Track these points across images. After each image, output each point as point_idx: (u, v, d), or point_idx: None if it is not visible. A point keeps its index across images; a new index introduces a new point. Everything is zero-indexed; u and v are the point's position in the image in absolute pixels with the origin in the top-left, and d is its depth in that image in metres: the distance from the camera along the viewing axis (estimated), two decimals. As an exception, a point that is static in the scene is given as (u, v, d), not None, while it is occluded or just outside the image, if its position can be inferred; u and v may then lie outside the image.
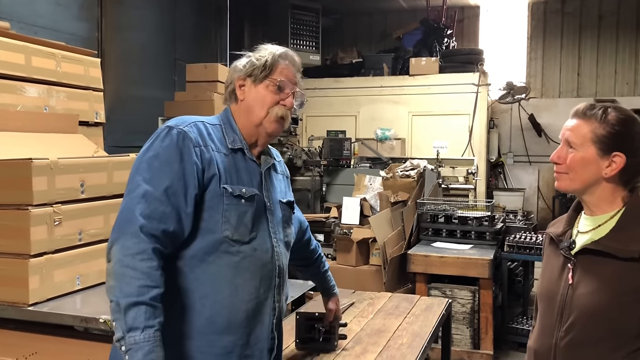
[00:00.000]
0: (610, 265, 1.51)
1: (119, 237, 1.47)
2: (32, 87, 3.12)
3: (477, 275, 4.39)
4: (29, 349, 2.51)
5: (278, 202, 1.74)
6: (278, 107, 1.66)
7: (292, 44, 7.97)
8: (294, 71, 1.72)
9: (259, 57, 1.68)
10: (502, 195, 8.38)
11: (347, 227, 4.98)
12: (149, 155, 1.55)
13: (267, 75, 1.66)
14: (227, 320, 1.55)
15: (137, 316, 1.40)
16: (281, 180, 1.83)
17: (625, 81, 8.79)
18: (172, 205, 1.50)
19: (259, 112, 1.65)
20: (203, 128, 1.62)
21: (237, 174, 1.62)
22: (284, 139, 6.07)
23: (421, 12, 8.91)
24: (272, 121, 1.66)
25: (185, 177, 1.52)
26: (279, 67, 1.67)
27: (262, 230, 1.63)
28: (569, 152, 1.57)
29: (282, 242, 1.71)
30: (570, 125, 1.58)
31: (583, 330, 1.52)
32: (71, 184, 2.68)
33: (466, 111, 7.74)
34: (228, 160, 1.61)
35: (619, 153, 1.52)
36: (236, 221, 1.57)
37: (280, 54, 1.69)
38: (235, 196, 1.57)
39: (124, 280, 1.42)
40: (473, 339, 4.46)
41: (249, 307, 1.58)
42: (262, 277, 1.61)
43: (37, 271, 2.52)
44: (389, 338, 2.62)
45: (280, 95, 1.66)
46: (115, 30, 5.96)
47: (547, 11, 9.10)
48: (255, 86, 1.66)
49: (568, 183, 1.58)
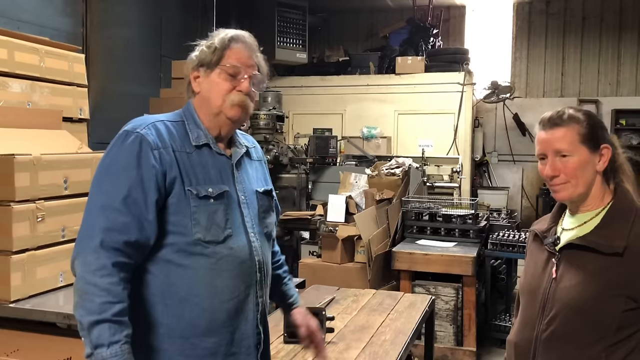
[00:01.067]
0: (594, 260, 1.54)
1: (79, 253, 1.46)
2: (15, 82, 3.09)
3: (461, 272, 4.43)
4: (11, 346, 2.49)
5: (254, 193, 1.66)
6: (234, 93, 1.58)
7: (278, 41, 7.97)
8: (248, 53, 1.61)
9: (209, 45, 1.60)
10: (487, 193, 8.46)
11: (332, 224, 5.00)
12: (106, 163, 1.51)
13: (218, 62, 1.58)
14: (208, 323, 1.52)
15: (101, 334, 1.40)
16: (257, 168, 1.75)
17: (608, 82, 8.90)
18: (132, 214, 1.45)
19: (215, 101, 1.58)
20: (163, 128, 1.56)
21: (204, 172, 1.56)
22: (269, 136, 6.07)
23: (407, 11, 8.95)
24: (230, 108, 1.58)
25: (144, 184, 1.47)
26: (230, 52, 1.58)
27: (237, 227, 1.58)
28: (562, 161, 1.57)
29: (262, 235, 1.65)
30: (553, 137, 1.59)
31: (564, 323, 1.54)
32: (54, 180, 2.67)
33: (451, 110, 7.79)
34: (193, 159, 1.56)
35: (605, 144, 1.59)
36: (206, 222, 1.51)
37: (230, 37, 1.60)
38: (202, 197, 1.52)
39: (86, 297, 1.42)
40: (456, 336, 4.50)
41: (230, 306, 1.56)
42: (242, 274, 1.57)
43: (19, 268, 2.51)
44: (372, 334, 2.64)
45: (234, 82, 1.58)
46: (100, 26, 5.92)
47: (532, 12, 9.19)
48: (208, 75, 1.59)
49: (572, 190, 1.58)
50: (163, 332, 1.52)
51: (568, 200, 1.63)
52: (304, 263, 4.99)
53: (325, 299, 3.14)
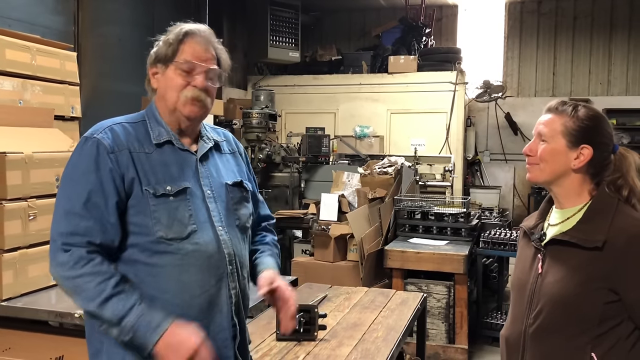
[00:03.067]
0: (576, 255, 1.58)
1: (52, 259, 1.48)
2: (6, 81, 3.08)
3: (453, 270, 4.46)
4: (3, 344, 2.49)
5: (223, 186, 1.65)
6: (188, 89, 1.57)
7: (271, 40, 7.96)
8: (204, 46, 1.59)
9: (165, 40, 1.59)
10: (479, 192, 8.49)
11: (325, 223, 5.01)
12: (68, 169, 1.54)
13: (173, 58, 1.57)
14: (180, 317, 1.52)
15: (114, 308, 1.43)
16: (229, 160, 1.74)
17: (599, 81, 8.96)
18: (94, 218, 1.47)
19: (170, 97, 1.59)
20: (120, 130, 1.57)
21: (164, 170, 1.56)
22: (262, 135, 6.07)
23: (400, 11, 8.97)
24: (185, 104, 1.58)
25: (103, 187, 1.49)
26: (185, 46, 1.57)
27: (202, 222, 1.57)
28: (540, 144, 1.65)
29: (232, 227, 1.64)
30: (543, 120, 1.67)
31: (550, 317, 1.58)
32: (46, 178, 2.66)
33: (444, 109, 7.82)
34: (152, 158, 1.56)
35: (587, 145, 1.61)
36: (167, 220, 1.52)
37: (185, 31, 1.59)
38: (159, 195, 1.52)
39: (80, 289, 1.44)
40: (448, 334, 4.53)
41: (202, 300, 1.56)
42: (210, 268, 1.57)
43: (11, 266, 2.50)
44: (365, 331, 2.66)
45: (189, 77, 1.57)
46: (92, 24, 5.89)
47: (524, 11, 9.23)
48: (164, 72, 1.59)
49: (538, 173, 1.66)
50: None
51: (534, 182, 1.71)
52: (297, 262, 5.00)
53: (318, 296, 3.15)
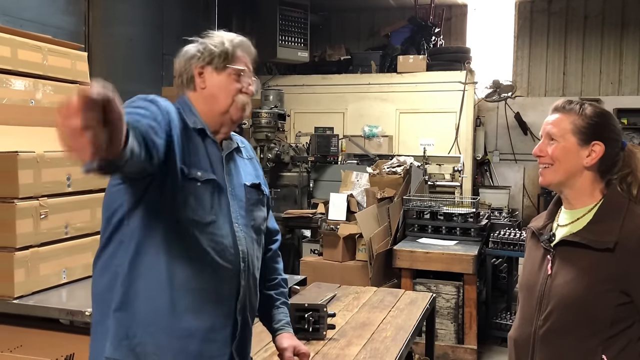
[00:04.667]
0: (586, 256, 1.56)
1: None
2: (18, 80, 3.10)
3: (462, 270, 4.44)
4: (15, 342, 2.51)
5: (242, 186, 1.69)
6: (242, 95, 1.66)
7: (280, 40, 7.97)
8: (251, 57, 1.71)
9: (216, 45, 1.65)
10: (488, 192, 8.46)
11: (333, 223, 5.01)
12: (130, 101, 1.49)
13: (229, 64, 1.64)
14: (189, 304, 1.54)
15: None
16: (247, 165, 1.79)
17: (609, 81, 8.90)
18: (155, 121, 1.43)
19: (224, 100, 1.64)
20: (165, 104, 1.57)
21: (197, 156, 1.60)
22: (271, 135, 6.08)
23: (409, 10, 8.95)
24: (238, 109, 1.65)
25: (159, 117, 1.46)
26: (239, 54, 1.66)
27: (222, 215, 1.60)
28: (550, 144, 1.63)
29: (247, 227, 1.67)
30: (551, 120, 1.66)
31: (560, 319, 1.57)
32: (57, 178, 2.68)
33: (453, 109, 7.79)
34: (190, 140, 1.59)
35: (598, 142, 1.60)
36: (194, 203, 1.55)
37: (238, 42, 1.68)
38: (190, 178, 1.55)
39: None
40: (457, 334, 4.51)
41: (211, 291, 1.57)
42: (223, 262, 1.59)
43: (22, 264, 2.52)
44: (373, 331, 2.65)
45: (241, 84, 1.65)
46: (103, 25, 5.93)
47: (534, 10, 9.19)
48: (218, 74, 1.64)
49: (552, 175, 1.63)
50: (146, 311, 1.53)
51: (548, 186, 1.67)
52: (305, 261, 5.00)
53: (327, 296, 3.15)
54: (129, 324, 1.54)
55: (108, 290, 1.56)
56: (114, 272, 1.56)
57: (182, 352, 1.55)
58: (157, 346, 1.54)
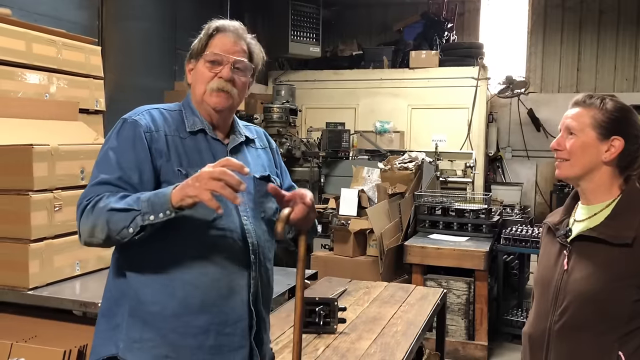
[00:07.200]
0: (604, 251, 1.55)
1: (78, 210, 1.52)
2: (32, 74, 3.14)
3: (473, 267, 4.43)
4: (29, 332, 2.54)
5: (251, 179, 1.67)
6: (214, 80, 1.64)
7: (292, 35, 7.96)
8: (233, 40, 1.66)
9: (198, 36, 1.69)
10: (500, 189, 8.40)
11: (344, 218, 5.01)
12: (104, 149, 1.59)
13: (202, 52, 1.66)
14: (200, 301, 1.55)
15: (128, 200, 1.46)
16: (260, 156, 1.78)
17: (624, 77, 8.79)
18: (128, 189, 1.52)
19: (198, 89, 1.66)
20: (157, 115, 1.65)
21: (197, 156, 1.61)
22: (283, 130, 6.09)
23: (422, 5, 8.90)
24: (210, 95, 1.64)
25: (140, 164, 1.55)
26: (214, 40, 1.65)
27: (228, 210, 1.59)
28: (568, 138, 1.62)
29: (257, 219, 1.67)
30: (570, 114, 1.64)
31: (576, 314, 1.56)
32: (71, 170, 2.70)
33: (465, 105, 7.75)
34: (186, 144, 1.62)
35: (618, 137, 1.58)
36: None
37: (215, 27, 1.67)
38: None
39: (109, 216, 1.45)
40: (468, 330, 4.51)
41: (222, 285, 1.57)
42: (233, 256, 1.59)
43: (37, 256, 2.55)
44: (384, 326, 2.66)
45: (216, 69, 1.64)
46: (116, 19, 5.96)
47: (548, 6, 9.10)
48: (196, 66, 1.68)
49: (569, 169, 1.62)
50: (157, 309, 1.54)
51: (565, 179, 1.67)
52: (316, 256, 5.01)
53: (337, 290, 3.16)
54: (141, 326, 1.55)
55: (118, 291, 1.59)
56: (123, 274, 1.59)
57: (200, 349, 1.56)
58: (171, 348, 1.55)
